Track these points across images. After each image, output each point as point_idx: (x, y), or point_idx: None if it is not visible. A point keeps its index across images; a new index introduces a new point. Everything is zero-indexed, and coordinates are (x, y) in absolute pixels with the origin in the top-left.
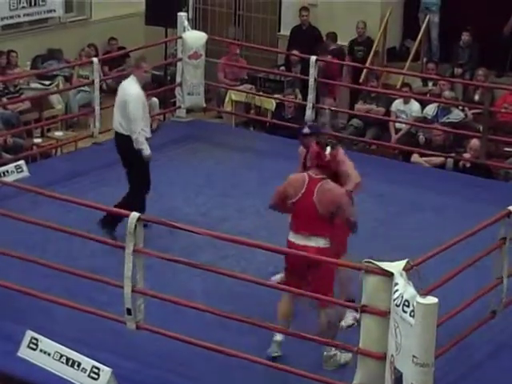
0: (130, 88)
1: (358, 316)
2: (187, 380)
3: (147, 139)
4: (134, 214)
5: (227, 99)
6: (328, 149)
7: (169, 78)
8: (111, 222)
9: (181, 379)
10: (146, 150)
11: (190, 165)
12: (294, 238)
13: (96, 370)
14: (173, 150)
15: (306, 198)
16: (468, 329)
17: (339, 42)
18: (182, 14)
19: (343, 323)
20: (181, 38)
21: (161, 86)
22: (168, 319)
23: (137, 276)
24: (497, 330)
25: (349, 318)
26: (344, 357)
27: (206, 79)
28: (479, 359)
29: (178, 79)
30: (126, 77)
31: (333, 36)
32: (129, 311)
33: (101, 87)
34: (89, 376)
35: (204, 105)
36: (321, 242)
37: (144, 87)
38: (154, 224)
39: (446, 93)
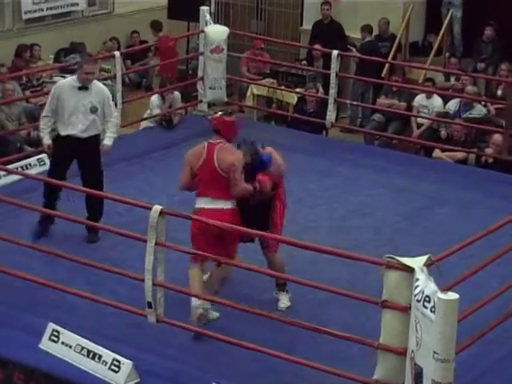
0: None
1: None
2: (207, 374)
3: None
4: (157, 207)
5: (249, 93)
6: (219, 113)
7: (191, 72)
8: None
9: (201, 373)
10: (44, 139)
11: None
12: (202, 203)
13: (117, 363)
14: (194, 144)
15: (208, 162)
16: (489, 325)
17: (359, 37)
18: (204, 8)
19: (281, 304)
20: (203, 32)
21: (183, 80)
22: (188, 313)
23: (157, 269)
24: None
25: (285, 299)
26: (212, 314)
27: (228, 73)
28: (500, 356)
29: (200, 73)
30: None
31: (368, 28)
32: (149, 304)
33: (123, 81)
34: (109, 369)
35: (226, 99)
36: (228, 204)
37: (85, 87)
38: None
39: (469, 88)
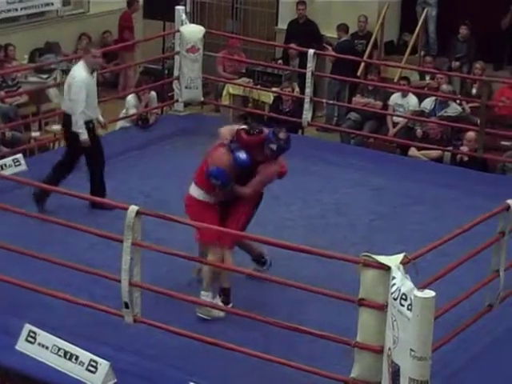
0: (75, 71)
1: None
2: (185, 373)
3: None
4: (133, 207)
5: (225, 93)
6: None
7: (166, 71)
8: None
9: (178, 372)
10: (83, 135)
11: (188, 158)
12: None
13: (94, 364)
14: (170, 144)
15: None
16: (465, 322)
17: (334, 36)
18: (179, 8)
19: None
20: (179, 31)
21: (158, 79)
22: (165, 312)
23: (134, 269)
24: (493, 323)
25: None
26: (217, 312)
27: (204, 73)
28: (476, 353)
29: (176, 73)
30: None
31: (344, 27)
32: (126, 305)
33: (98, 80)
34: (87, 369)
35: (202, 98)
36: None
37: (94, 71)
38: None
39: (444, 86)
